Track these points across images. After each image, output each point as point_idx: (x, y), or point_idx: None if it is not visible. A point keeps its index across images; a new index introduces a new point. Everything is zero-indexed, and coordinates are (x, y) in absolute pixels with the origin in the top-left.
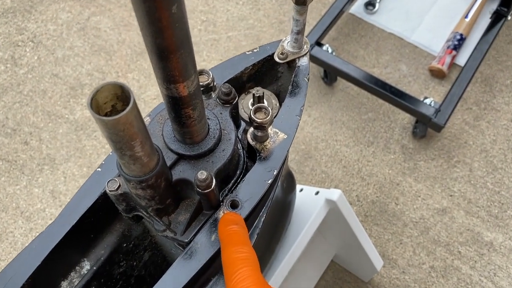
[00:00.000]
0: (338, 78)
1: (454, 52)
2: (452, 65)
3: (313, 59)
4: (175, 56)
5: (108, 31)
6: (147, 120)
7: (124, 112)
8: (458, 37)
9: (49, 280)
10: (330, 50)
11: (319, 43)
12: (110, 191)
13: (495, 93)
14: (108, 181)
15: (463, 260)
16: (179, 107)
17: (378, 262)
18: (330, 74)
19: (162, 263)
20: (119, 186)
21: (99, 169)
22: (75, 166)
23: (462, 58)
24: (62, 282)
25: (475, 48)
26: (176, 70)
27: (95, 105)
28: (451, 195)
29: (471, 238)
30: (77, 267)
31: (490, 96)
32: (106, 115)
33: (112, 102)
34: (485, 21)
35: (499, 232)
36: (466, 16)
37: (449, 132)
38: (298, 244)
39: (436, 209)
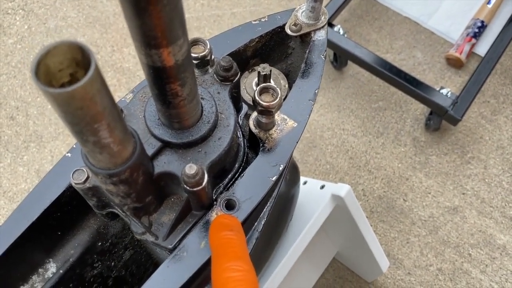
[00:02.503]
0: (349, 62)
1: (473, 40)
2: (471, 54)
3: None
4: (156, 8)
5: (105, 1)
6: (129, 97)
7: (81, 82)
8: (479, 24)
9: (5, 284)
10: (341, 32)
11: (330, 24)
12: (76, 183)
13: None
14: (74, 172)
15: (473, 263)
16: (163, 82)
17: (384, 263)
18: (340, 58)
19: (146, 262)
20: (88, 178)
21: (69, 154)
22: (63, 145)
23: (481, 47)
24: (22, 287)
25: (497, 37)
26: (158, 28)
27: (45, 72)
28: (463, 193)
29: (482, 240)
30: (40, 270)
31: (510, 89)
32: (62, 87)
33: (70, 70)
34: (509, 8)
35: None
36: (488, 2)
37: (464, 126)
38: (299, 242)
39: (447, 208)
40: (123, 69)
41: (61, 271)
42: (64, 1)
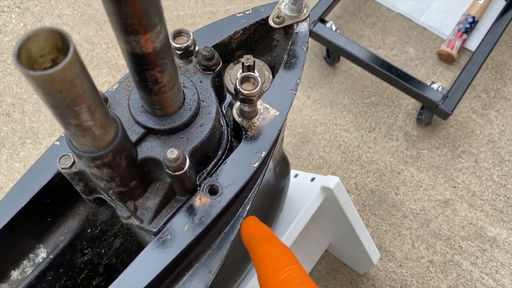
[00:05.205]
0: (341, 58)
1: (464, 36)
2: (462, 49)
3: (315, 36)
4: None
5: None
6: (115, 86)
7: (60, 65)
8: (470, 20)
9: None
10: (334, 28)
11: (322, 20)
12: (62, 168)
13: (506, 81)
14: (61, 157)
15: (464, 255)
16: (143, 68)
17: (375, 255)
18: (333, 54)
19: (137, 251)
20: (74, 163)
21: (57, 142)
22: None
23: (473, 43)
24: (13, 271)
25: (488, 32)
26: (135, 16)
27: (26, 57)
28: (454, 187)
29: (473, 233)
30: (30, 255)
31: (501, 84)
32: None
33: (52, 56)
34: (500, 3)
35: (503, 228)
36: None
37: (456, 120)
38: (289, 234)
39: (438, 201)
40: (118, 66)
41: (51, 257)
42: None
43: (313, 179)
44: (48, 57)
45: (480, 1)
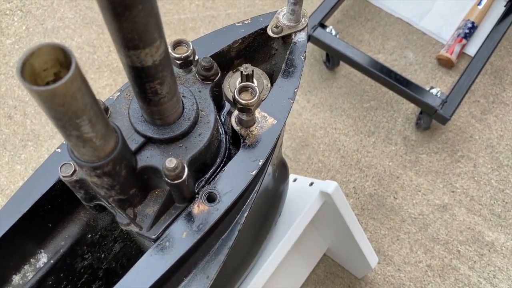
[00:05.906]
0: (341, 63)
1: (464, 41)
2: (462, 54)
3: (315, 41)
4: (131, 13)
5: None
6: (116, 95)
7: (62, 81)
8: (470, 25)
9: None
10: (334, 33)
11: (322, 25)
12: (63, 176)
13: (505, 86)
14: (62, 165)
15: (462, 259)
16: (142, 80)
17: (373, 259)
18: (333, 58)
19: (136, 255)
20: (75, 171)
21: (59, 149)
22: (60, 144)
23: (472, 48)
24: (14, 276)
25: (487, 37)
26: (135, 32)
27: (29, 72)
28: (453, 191)
29: (471, 237)
30: (31, 260)
31: (500, 89)
32: (47, 85)
33: (54, 70)
34: (499, 9)
35: (501, 232)
36: (479, 3)
37: (454, 125)
38: (288, 238)
39: (436, 205)
40: (119, 69)
41: (52, 261)
42: (62, 2)
43: (311, 184)
44: (50, 71)
45: (480, 7)
